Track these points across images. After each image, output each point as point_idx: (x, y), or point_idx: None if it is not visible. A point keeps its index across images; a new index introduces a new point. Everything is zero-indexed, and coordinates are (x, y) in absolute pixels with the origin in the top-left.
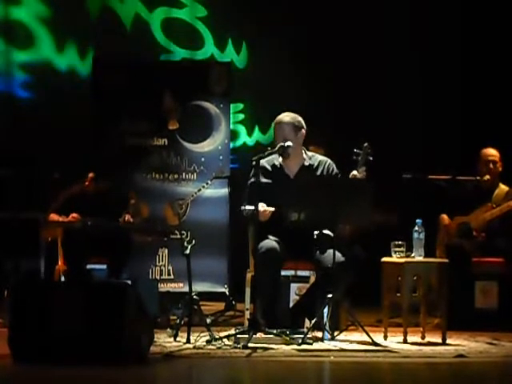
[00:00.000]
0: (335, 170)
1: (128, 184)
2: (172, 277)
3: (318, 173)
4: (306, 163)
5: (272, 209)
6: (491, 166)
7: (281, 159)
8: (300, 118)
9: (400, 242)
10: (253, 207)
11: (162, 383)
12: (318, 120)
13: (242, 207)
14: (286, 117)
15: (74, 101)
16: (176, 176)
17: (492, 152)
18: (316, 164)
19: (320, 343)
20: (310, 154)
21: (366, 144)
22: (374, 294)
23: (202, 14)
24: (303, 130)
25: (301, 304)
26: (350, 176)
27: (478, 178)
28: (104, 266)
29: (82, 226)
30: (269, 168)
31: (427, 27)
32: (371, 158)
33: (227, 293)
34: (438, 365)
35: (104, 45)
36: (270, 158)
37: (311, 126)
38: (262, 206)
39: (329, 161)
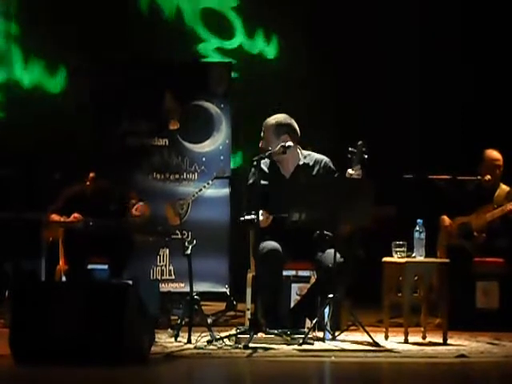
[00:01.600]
0: (332, 168)
1: (129, 184)
2: (173, 277)
3: (314, 172)
4: (301, 162)
5: (271, 216)
6: (497, 171)
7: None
8: (286, 122)
9: (401, 242)
10: (253, 216)
11: (162, 383)
12: (318, 120)
13: (242, 218)
14: (272, 120)
15: (75, 101)
16: (177, 176)
17: (497, 156)
18: (312, 163)
19: (321, 343)
20: (305, 152)
21: (360, 142)
22: (375, 294)
23: (234, 3)
24: (286, 135)
25: (302, 304)
26: (346, 175)
27: (479, 177)
28: (105, 266)
29: (83, 226)
30: (265, 170)
31: (426, 26)
32: (366, 156)
33: (228, 293)
34: (439, 365)
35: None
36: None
37: (314, 122)
38: (262, 215)
39: (325, 159)
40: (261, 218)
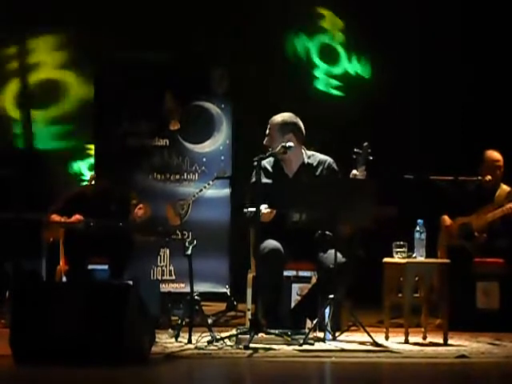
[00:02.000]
0: (335, 169)
1: (129, 184)
2: (173, 277)
3: (318, 172)
4: (305, 162)
5: (274, 211)
6: (498, 172)
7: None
8: (291, 121)
9: (401, 243)
10: (255, 209)
11: (163, 383)
12: (318, 120)
13: (245, 210)
14: (278, 118)
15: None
16: (177, 176)
17: (498, 157)
18: (315, 163)
19: (321, 344)
20: (309, 153)
21: (365, 143)
22: (376, 295)
23: (341, 39)
24: (291, 134)
25: (302, 304)
26: (351, 176)
27: (479, 177)
28: (105, 267)
29: (84, 227)
30: (269, 168)
31: (426, 26)
32: (371, 158)
33: (228, 293)
34: (440, 365)
35: None
36: (270, 158)
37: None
38: (264, 208)
39: (329, 160)
40: (264, 210)
